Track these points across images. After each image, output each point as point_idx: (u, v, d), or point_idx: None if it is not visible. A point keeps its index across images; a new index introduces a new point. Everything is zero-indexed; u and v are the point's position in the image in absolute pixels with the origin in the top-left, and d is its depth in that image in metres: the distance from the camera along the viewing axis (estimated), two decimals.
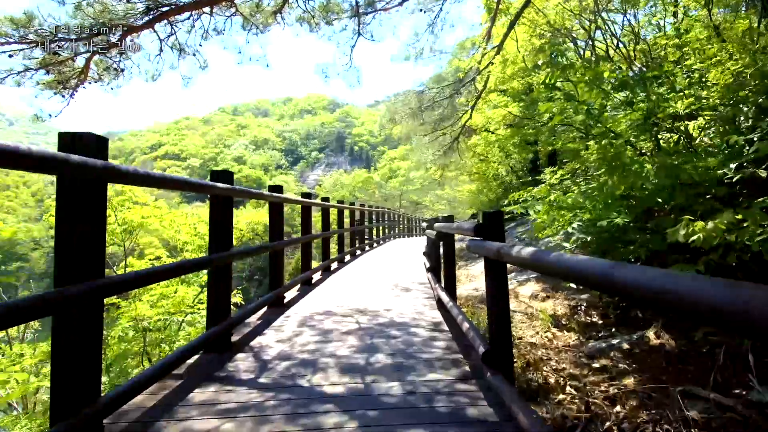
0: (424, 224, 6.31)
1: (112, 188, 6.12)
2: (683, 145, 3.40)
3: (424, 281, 5.15)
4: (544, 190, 3.80)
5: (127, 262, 6.40)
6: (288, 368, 2.28)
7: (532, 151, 12.84)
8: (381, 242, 12.94)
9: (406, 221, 21.63)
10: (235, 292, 6.57)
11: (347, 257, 8.25)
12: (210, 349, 2.60)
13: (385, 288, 4.72)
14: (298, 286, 4.82)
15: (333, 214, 8.10)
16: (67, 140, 1.53)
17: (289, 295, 4.33)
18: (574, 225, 2.52)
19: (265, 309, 3.74)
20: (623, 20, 6.58)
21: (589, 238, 2.91)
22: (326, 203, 6.19)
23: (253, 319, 3.40)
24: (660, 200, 2.55)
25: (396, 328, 2.99)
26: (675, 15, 5.76)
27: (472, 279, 7.36)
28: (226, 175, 2.81)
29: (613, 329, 3.12)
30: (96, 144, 1.58)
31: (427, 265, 5.64)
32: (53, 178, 1.53)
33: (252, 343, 2.77)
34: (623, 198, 2.72)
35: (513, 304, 4.56)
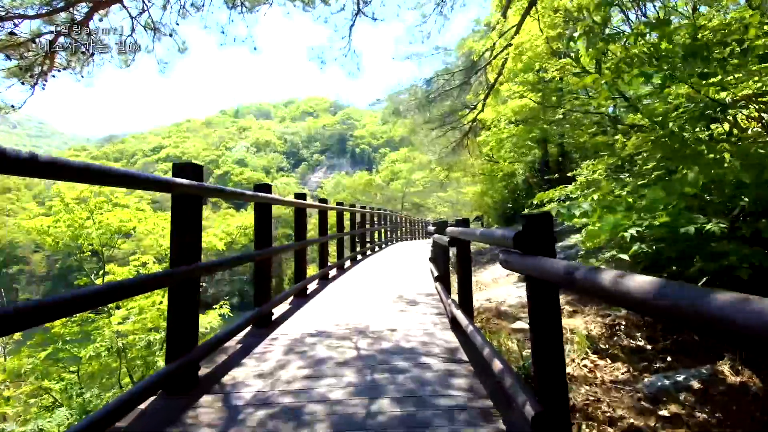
0: (431, 228, 5.74)
1: (89, 188, 5.63)
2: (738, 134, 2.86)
3: (432, 292, 4.59)
4: (581, 187, 3.25)
5: (108, 269, 5.88)
6: (264, 421, 1.73)
7: (542, 150, 12.30)
8: (383, 246, 12.39)
9: (408, 224, 21.08)
10: (221, 302, 6.02)
11: (347, 263, 7.69)
12: (170, 389, 2.06)
13: (389, 300, 4.16)
14: (291, 298, 4.27)
15: (332, 217, 7.59)
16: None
17: (278, 310, 3.78)
18: (632, 231, 1.98)
19: (249, 328, 3.20)
20: None
21: (646, 247, 2.35)
22: (323, 205, 5.64)
23: (233, 342, 2.85)
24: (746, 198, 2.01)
25: (403, 357, 2.44)
26: None
27: (483, 287, 6.79)
28: (192, 170, 2.27)
29: (669, 358, 2.56)
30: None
31: (435, 273, 5.08)
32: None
33: (224, 379, 2.23)
34: (693, 197, 2.17)
35: None
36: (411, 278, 5.66)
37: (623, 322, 3.40)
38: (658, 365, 2.48)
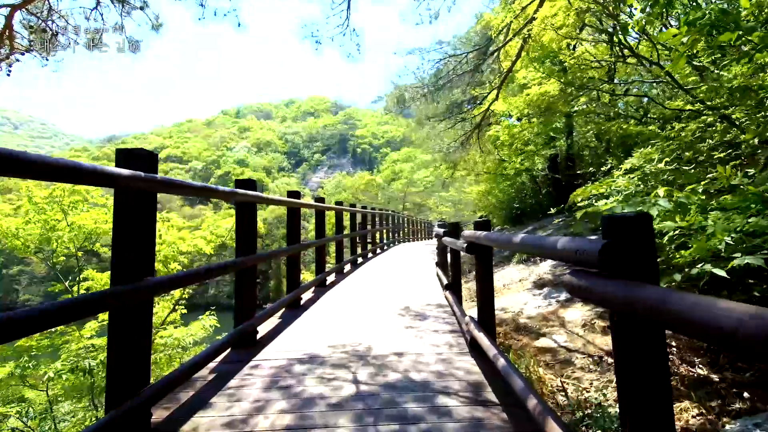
0: (439, 230, 5.21)
1: (61, 186, 5.12)
2: None
3: (442, 303, 4.07)
4: (639, 180, 2.72)
5: (86, 275, 5.38)
6: None
7: (554, 145, 11.75)
8: (385, 247, 11.87)
9: (411, 224, 20.56)
10: (208, 312, 5.50)
11: (347, 267, 7.18)
12: None
13: (393, 313, 3.64)
14: (281, 312, 3.75)
15: (331, 218, 7.07)
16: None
17: (266, 326, 3.27)
18: (727, 238, 1.47)
19: (227, 351, 2.69)
20: None
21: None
22: (319, 204, 5.13)
23: (205, 371, 2.34)
24: None
25: (414, 397, 1.92)
26: None
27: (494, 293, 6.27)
28: (143, 158, 1.76)
29: (746, 393, 2.03)
30: None
31: (444, 280, 4.56)
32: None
33: (184, 429, 1.71)
34: None
35: (563, 337, 3.47)
36: (417, 286, 5.13)
37: (672, 342, 2.88)
38: (737, 405, 1.96)
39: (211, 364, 2.45)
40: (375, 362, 2.39)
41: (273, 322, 3.46)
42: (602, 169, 4.82)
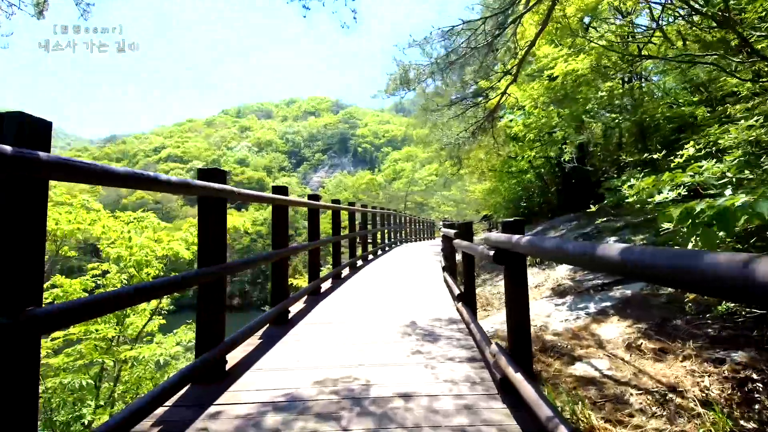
0: (448, 231, 4.60)
1: None
2: None
3: (454, 317, 3.46)
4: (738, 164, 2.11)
5: (54, 281, 4.80)
6: None
7: (560, 143, 11.12)
8: (387, 248, 11.28)
9: (413, 224, 19.95)
10: (183, 327, 4.90)
11: (345, 271, 6.58)
12: None
13: (396, 331, 3.04)
14: (263, 329, 3.16)
15: (328, 217, 6.48)
16: None
17: (241, 351, 2.67)
18: None
19: (187, 388, 2.09)
20: None
21: None
22: (313, 202, 4.53)
23: (148, 423, 1.74)
24: None
25: None
26: None
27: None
28: (23, 129, 1.17)
29: None
30: None
31: (455, 289, 3.96)
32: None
33: None
34: None
35: (604, 363, 2.86)
36: (424, 295, 4.52)
37: (753, 375, 2.27)
38: None
39: (160, 410, 1.86)
40: (374, 409, 1.80)
41: (252, 342, 2.87)
42: (648, 156, 4.17)
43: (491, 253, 1.98)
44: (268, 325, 3.32)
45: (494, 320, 4.64)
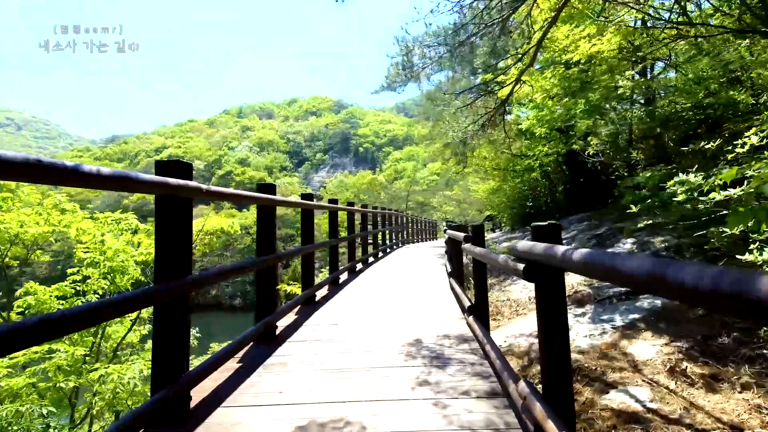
0: (456, 234, 4.14)
1: None
2: None
3: (465, 334, 3.03)
4: None
5: (28, 288, 4.38)
6: None
7: (563, 142, 10.64)
8: (388, 250, 10.85)
9: (415, 224, 19.52)
10: (139, 358, 4.46)
11: (344, 275, 6.17)
12: None
13: (399, 351, 2.62)
14: (244, 351, 2.73)
15: (326, 219, 6.05)
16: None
17: (213, 381, 2.24)
18: None
19: None
20: None
21: None
22: (306, 202, 4.11)
23: None
24: None
25: None
26: None
27: (518, 310, 5.21)
28: None
29: None
30: None
31: (464, 299, 3.52)
32: None
33: None
34: None
35: (644, 391, 2.42)
36: (429, 305, 4.09)
37: None
38: None
39: None
40: None
41: (230, 366, 2.44)
42: (693, 147, 3.72)
43: (520, 267, 1.55)
44: (251, 343, 2.90)
45: (506, 332, 4.20)
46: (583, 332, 3.53)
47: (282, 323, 3.37)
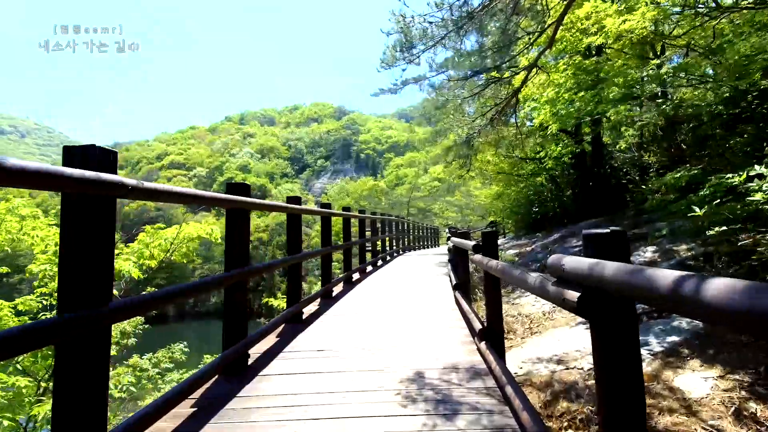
0: (462, 242, 3.60)
1: None
2: None
3: (477, 365, 2.50)
4: None
5: None
6: None
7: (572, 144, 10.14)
8: (388, 258, 10.33)
9: (416, 231, 18.99)
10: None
11: (339, 287, 5.66)
12: None
13: (396, 392, 2.10)
14: (204, 388, 2.21)
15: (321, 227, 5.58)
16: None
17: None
18: None
19: None
20: None
21: None
22: (293, 206, 3.61)
23: None
24: None
25: None
26: None
27: (532, 327, 4.66)
28: None
29: None
30: None
31: (475, 321, 3.00)
32: None
33: None
34: None
35: None
36: (432, 325, 3.56)
37: None
38: None
39: None
40: None
41: (180, 412, 1.93)
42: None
43: (570, 296, 1.04)
44: (216, 376, 2.39)
45: (521, 355, 3.66)
46: None
47: (257, 349, 2.86)
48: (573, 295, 1.04)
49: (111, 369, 4.82)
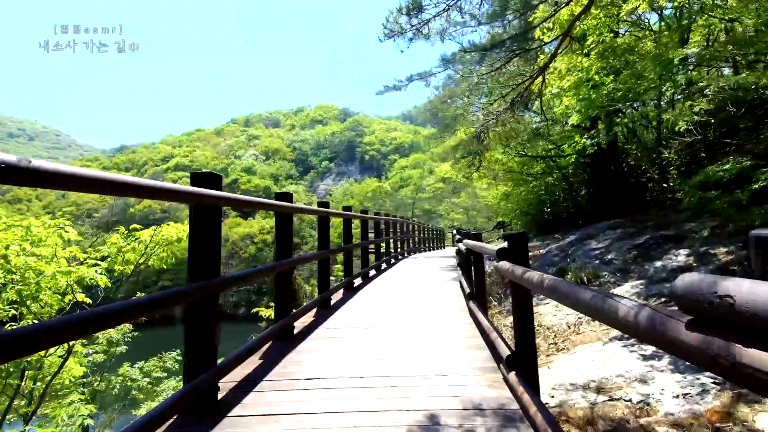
0: (482, 246, 3.05)
1: None
2: None
3: (504, 401, 1.97)
4: None
5: None
6: None
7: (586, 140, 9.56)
8: (393, 261, 9.81)
9: (422, 232, 18.44)
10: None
11: (337, 295, 5.15)
12: None
13: None
14: (168, 424, 1.71)
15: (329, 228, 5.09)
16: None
17: None
18: None
19: None
20: None
21: None
22: (283, 204, 3.11)
23: None
24: None
25: None
26: None
27: (557, 342, 4.09)
28: None
29: None
30: None
31: (500, 345, 2.46)
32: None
33: None
34: None
35: None
36: (444, 344, 3.02)
37: None
38: None
39: None
40: None
41: None
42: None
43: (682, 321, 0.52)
44: (176, 416, 1.88)
45: (550, 379, 3.10)
46: (671, 388, 2.44)
47: (234, 376, 2.35)
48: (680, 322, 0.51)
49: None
